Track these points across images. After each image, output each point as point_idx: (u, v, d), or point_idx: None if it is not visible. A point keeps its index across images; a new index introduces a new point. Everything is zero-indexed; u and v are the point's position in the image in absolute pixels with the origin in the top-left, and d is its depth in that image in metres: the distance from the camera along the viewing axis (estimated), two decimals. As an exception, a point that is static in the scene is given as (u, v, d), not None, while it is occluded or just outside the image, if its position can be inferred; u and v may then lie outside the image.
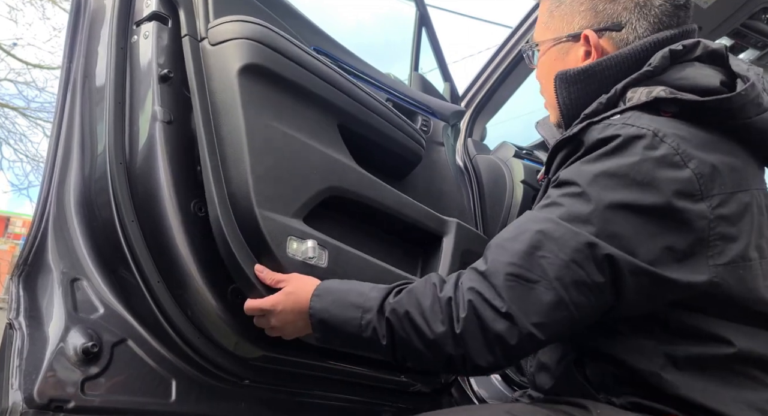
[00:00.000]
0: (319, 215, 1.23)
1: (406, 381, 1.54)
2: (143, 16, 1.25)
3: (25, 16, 15.49)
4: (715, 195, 0.83)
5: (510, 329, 0.81)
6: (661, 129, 0.85)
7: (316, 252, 1.14)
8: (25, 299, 1.11)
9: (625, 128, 0.86)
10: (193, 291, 1.10)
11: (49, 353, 1.02)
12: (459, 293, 0.86)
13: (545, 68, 1.09)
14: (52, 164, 1.23)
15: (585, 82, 0.99)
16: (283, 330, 1.07)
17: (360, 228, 1.39)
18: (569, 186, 0.87)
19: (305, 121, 1.26)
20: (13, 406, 0.96)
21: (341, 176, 1.29)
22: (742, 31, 2.15)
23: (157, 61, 1.20)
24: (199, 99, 1.15)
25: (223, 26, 1.20)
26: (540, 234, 0.84)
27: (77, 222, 1.19)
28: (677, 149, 0.83)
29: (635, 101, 0.91)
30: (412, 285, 0.94)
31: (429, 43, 2.26)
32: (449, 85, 2.26)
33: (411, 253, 1.53)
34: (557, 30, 1.07)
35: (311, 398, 1.37)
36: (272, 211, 1.11)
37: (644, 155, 0.83)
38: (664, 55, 0.92)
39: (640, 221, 0.82)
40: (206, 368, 1.16)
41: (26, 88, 10.73)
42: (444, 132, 1.86)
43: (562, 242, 0.82)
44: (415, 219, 1.47)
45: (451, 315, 0.85)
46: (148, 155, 1.14)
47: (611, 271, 0.81)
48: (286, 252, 1.10)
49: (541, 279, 0.81)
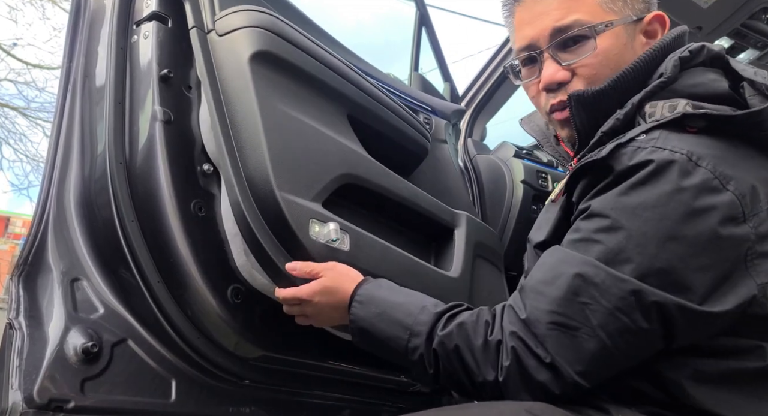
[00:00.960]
0: (334, 203, 1.22)
1: (406, 381, 1.54)
2: (143, 16, 1.25)
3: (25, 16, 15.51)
4: (757, 214, 0.80)
5: (554, 379, 0.78)
6: (694, 151, 0.81)
7: (339, 234, 1.12)
8: (25, 299, 1.11)
9: (657, 153, 0.81)
10: (193, 291, 1.10)
11: (49, 353, 1.02)
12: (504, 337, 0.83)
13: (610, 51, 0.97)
14: (52, 164, 1.23)
15: (604, 102, 0.94)
16: (317, 319, 1.07)
17: (374, 218, 1.39)
18: (604, 219, 0.82)
19: (317, 109, 1.26)
20: (13, 406, 0.96)
21: (355, 164, 1.28)
22: (742, 31, 2.15)
23: (157, 61, 1.20)
24: (211, 89, 1.14)
25: (231, 16, 1.20)
26: (579, 279, 0.79)
27: (77, 222, 1.19)
28: (714, 172, 0.79)
29: (659, 117, 0.87)
30: (463, 318, 0.90)
31: (429, 43, 2.26)
32: (449, 85, 2.26)
33: (424, 244, 1.53)
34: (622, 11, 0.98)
35: (311, 398, 1.37)
36: (293, 194, 1.10)
37: (681, 183, 0.79)
38: (675, 64, 0.89)
39: (686, 254, 0.77)
40: (206, 368, 1.16)
41: (26, 88, 10.73)
42: (446, 130, 1.87)
43: (604, 288, 0.78)
44: (428, 210, 1.46)
45: (498, 361, 0.83)
46: (148, 155, 1.14)
47: (660, 317, 0.77)
48: (309, 234, 1.09)
49: (583, 326, 0.78)
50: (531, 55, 1.02)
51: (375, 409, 1.53)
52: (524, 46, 1.03)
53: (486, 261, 1.66)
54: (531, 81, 1.05)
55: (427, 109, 1.86)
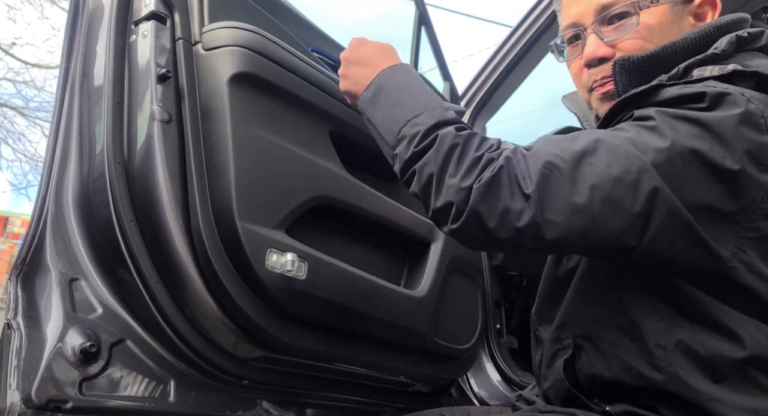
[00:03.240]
0: (306, 221, 1.24)
1: (406, 381, 1.54)
2: (142, 16, 1.24)
3: (24, 16, 15.49)
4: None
5: (521, 212, 0.77)
6: (745, 92, 0.80)
7: (295, 265, 1.14)
8: (23, 299, 1.10)
9: (709, 88, 0.81)
10: (191, 291, 1.10)
11: (47, 353, 1.02)
12: (499, 158, 0.82)
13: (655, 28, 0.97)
14: (50, 163, 1.23)
15: (648, 69, 0.93)
16: (347, 80, 1.07)
17: (346, 234, 1.40)
18: (645, 120, 0.82)
19: (296, 129, 1.27)
20: (11, 406, 0.96)
21: (329, 184, 1.29)
22: (742, 30, 2.14)
23: (155, 61, 1.19)
24: (189, 105, 1.16)
25: (217, 32, 1.21)
26: (598, 143, 0.80)
27: (75, 222, 1.19)
28: (763, 113, 0.79)
29: (708, 75, 0.86)
30: (478, 134, 0.88)
31: (428, 43, 2.25)
32: (449, 84, 2.26)
33: (398, 259, 1.54)
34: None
35: (311, 398, 1.36)
36: (254, 223, 1.12)
37: (729, 111, 0.78)
38: (731, 41, 0.89)
39: (704, 172, 0.78)
40: (205, 368, 1.16)
41: (25, 88, 10.76)
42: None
43: (616, 157, 0.77)
44: (403, 225, 1.47)
45: (483, 172, 0.81)
46: (147, 155, 1.14)
47: (649, 204, 0.76)
48: (265, 265, 1.11)
49: (579, 181, 0.77)
50: (576, 33, 1.03)
51: (375, 409, 1.53)
52: (570, 24, 1.04)
53: (462, 275, 1.66)
54: (574, 58, 1.06)
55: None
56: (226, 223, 1.10)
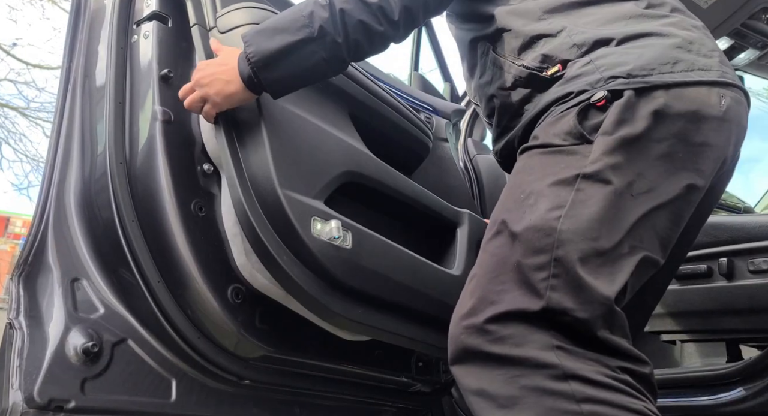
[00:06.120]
0: (337, 201, 1.22)
1: (406, 381, 1.54)
2: (143, 16, 1.25)
3: (25, 16, 15.51)
4: None
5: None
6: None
7: (341, 232, 1.12)
8: (25, 299, 1.11)
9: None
10: (193, 291, 1.10)
11: (49, 353, 1.02)
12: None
13: None
14: (52, 164, 1.23)
15: None
16: (215, 88, 1.05)
17: (376, 215, 1.39)
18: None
19: (319, 106, 1.26)
20: (13, 406, 0.96)
21: (358, 161, 1.28)
22: (742, 31, 2.15)
23: (157, 61, 1.20)
24: None
25: (232, 14, 1.20)
26: None
27: (77, 222, 1.19)
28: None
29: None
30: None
31: (429, 43, 2.26)
32: (449, 85, 2.26)
33: (426, 242, 1.53)
34: None
35: (311, 398, 1.37)
36: (295, 191, 1.09)
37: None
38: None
39: None
40: (206, 368, 1.16)
41: (26, 88, 10.77)
42: (447, 129, 1.87)
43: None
44: (431, 208, 1.46)
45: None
46: (149, 155, 1.14)
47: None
48: (311, 232, 1.09)
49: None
50: None
51: (375, 409, 1.53)
52: None
53: None
54: None
55: (427, 108, 1.86)
56: (267, 193, 1.07)
